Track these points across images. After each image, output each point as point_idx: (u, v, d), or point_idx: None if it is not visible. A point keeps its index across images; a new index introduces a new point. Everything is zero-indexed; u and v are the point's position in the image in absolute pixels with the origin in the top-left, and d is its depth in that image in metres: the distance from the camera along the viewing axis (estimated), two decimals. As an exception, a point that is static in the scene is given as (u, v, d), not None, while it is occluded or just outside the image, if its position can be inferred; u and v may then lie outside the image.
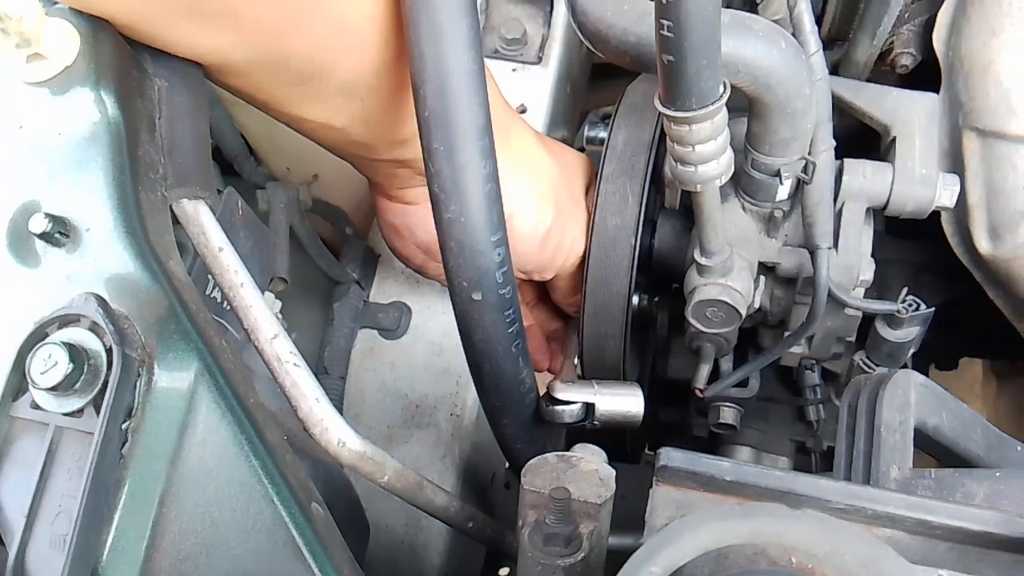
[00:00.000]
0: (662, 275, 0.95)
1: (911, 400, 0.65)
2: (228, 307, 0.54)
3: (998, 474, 0.59)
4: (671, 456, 0.48)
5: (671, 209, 0.93)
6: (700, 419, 1.10)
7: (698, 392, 0.91)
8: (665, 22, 0.58)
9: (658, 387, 1.13)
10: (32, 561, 0.44)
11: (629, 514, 0.61)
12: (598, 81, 1.28)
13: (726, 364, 0.98)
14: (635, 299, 0.86)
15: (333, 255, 0.96)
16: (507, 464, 1.11)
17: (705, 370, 0.91)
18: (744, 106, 0.78)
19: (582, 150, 1.56)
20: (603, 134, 1.12)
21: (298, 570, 0.45)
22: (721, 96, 0.65)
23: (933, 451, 0.69)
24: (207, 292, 0.59)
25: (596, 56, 1.17)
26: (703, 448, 1.05)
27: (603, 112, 1.51)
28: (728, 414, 0.98)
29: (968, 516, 0.45)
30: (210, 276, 0.55)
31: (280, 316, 0.82)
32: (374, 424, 0.94)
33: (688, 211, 0.93)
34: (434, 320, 0.97)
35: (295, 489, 0.46)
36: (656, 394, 1.15)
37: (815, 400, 1.01)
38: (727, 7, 0.71)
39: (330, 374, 0.91)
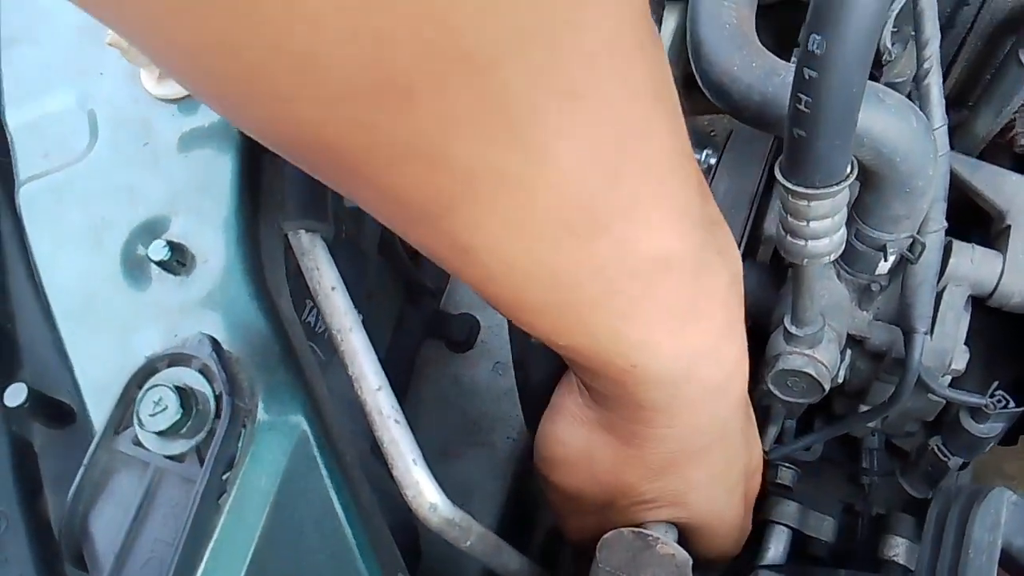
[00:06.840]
0: (740, 326, 0.92)
1: (1002, 520, 0.63)
2: (326, 335, 0.53)
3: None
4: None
5: (760, 262, 0.91)
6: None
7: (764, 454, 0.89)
8: (804, 97, 0.56)
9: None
10: (119, 599, 0.44)
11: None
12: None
13: (789, 423, 0.96)
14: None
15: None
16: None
17: (773, 432, 0.89)
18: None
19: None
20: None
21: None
22: (848, 176, 0.63)
23: (1010, 568, 0.67)
24: (303, 317, 0.58)
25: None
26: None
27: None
28: (787, 475, 0.96)
29: None
30: (315, 308, 0.53)
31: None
32: (429, 435, 0.93)
33: (779, 268, 0.91)
34: (502, 337, 0.96)
35: (384, 563, 0.45)
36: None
37: (874, 472, 0.99)
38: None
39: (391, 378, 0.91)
